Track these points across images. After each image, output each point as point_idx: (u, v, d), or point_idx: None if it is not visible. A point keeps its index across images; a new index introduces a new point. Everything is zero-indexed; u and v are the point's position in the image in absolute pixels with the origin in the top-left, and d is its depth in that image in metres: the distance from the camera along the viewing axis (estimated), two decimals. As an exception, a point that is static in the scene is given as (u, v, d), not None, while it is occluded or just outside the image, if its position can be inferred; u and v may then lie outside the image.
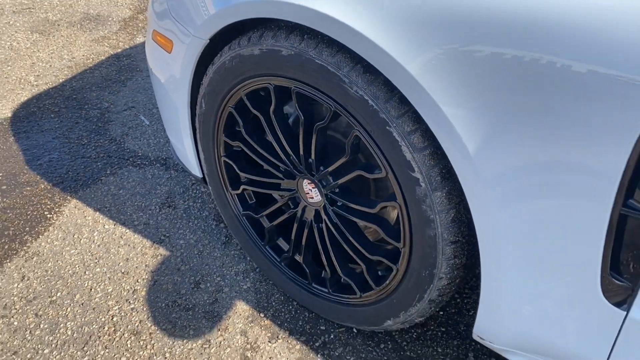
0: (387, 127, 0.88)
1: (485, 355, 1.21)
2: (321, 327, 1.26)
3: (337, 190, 1.07)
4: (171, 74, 1.22)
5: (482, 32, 0.72)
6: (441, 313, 1.30)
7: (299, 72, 0.95)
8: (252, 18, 0.97)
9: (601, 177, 0.71)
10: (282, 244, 1.31)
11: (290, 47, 0.94)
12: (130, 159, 1.80)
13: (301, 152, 1.07)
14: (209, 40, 1.08)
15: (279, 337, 1.24)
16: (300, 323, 1.27)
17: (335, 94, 0.92)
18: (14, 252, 1.45)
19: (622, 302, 0.80)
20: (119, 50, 2.49)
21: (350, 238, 1.09)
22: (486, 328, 0.99)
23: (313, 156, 1.05)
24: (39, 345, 1.22)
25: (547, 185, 0.77)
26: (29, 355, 1.20)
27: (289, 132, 1.08)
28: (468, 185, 0.83)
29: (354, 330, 1.25)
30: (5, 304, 1.32)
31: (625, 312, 0.80)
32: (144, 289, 1.35)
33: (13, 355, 1.20)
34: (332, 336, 1.24)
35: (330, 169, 1.04)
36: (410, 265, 1.00)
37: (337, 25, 0.84)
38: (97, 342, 1.23)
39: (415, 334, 1.25)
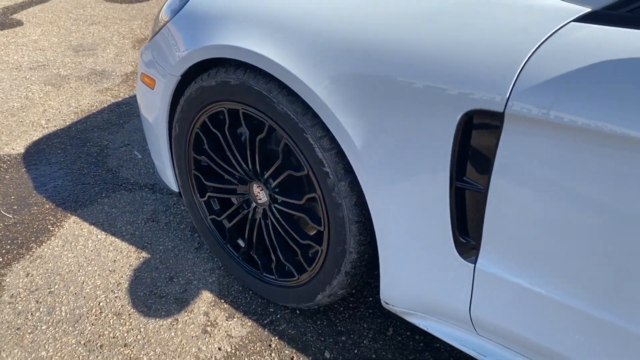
0: (304, 134, 1.19)
1: (402, 329, 1.47)
2: (270, 309, 1.53)
3: (277, 189, 1.38)
4: (154, 105, 1.56)
5: (359, 65, 1.05)
6: (370, 299, 1.57)
7: (243, 97, 1.28)
8: (210, 58, 1.31)
9: (439, 158, 1.02)
10: (240, 243, 1.60)
11: (237, 78, 1.28)
12: (123, 185, 2.12)
13: (249, 161, 1.38)
14: (180, 77, 1.42)
15: (235, 316, 1.51)
16: (253, 306, 1.54)
17: (269, 111, 1.25)
18: (21, 256, 1.75)
19: (471, 257, 1.09)
20: (120, 99, 2.86)
21: (288, 228, 1.39)
22: (388, 293, 1.27)
23: (257, 163, 1.37)
24: (38, 323, 1.49)
25: (408, 172, 1.07)
26: (29, 330, 1.47)
27: (240, 145, 1.40)
28: (360, 174, 1.14)
29: (297, 311, 1.52)
30: (12, 294, 1.59)
31: (473, 265, 1.09)
32: (127, 282, 1.63)
33: (17, 330, 1.47)
34: (278, 315, 1.51)
35: (269, 172, 1.35)
36: (329, 244, 1.29)
37: (267, 61, 1.18)
38: (86, 320, 1.50)
39: (347, 314, 1.51)
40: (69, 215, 1.94)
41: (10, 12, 4.31)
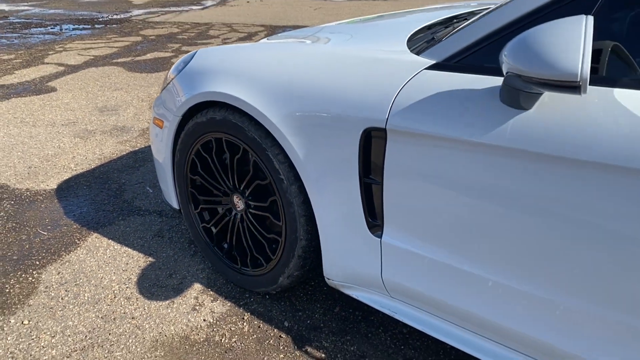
0: (266, 152, 1.69)
1: (347, 307, 1.89)
2: (245, 295, 1.97)
3: (250, 197, 1.86)
4: (161, 141, 2.07)
5: (297, 103, 1.55)
6: (325, 288, 2.00)
7: (225, 128, 1.79)
8: (202, 101, 1.83)
9: (352, 163, 1.49)
10: (224, 245, 2.06)
11: (220, 115, 1.79)
12: (136, 211, 2.61)
13: (230, 177, 1.87)
14: (181, 117, 1.94)
15: (218, 300, 1.94)
16: (232, 293, 1.98)
17: (242, 137, 1.74)
18: (54, 260, 2.21)
19: (378, 233, 1.54)
20: (137, 149, 3.40)
21: (258, 227, 1.86)
22: (328, 270, 1.71)
23: (236, 178, 1.85)
24: (67, 304, 1.94)
25: (334, 175, 1.55)
26: (59, 309, 1.91)
27: (224, 166, 1.90)
28: (304, 179, 1.61)
29: (267, 296, 1.96)
30: (46, 286, 2.05)
31: (380, 239, 1.54)
32: (136, 278, 2.08)
33: (50, 309, 1.91)
34: (251, 299, 1.94)
35: (244, 184, 1.84)
36: (286, 235, 1.75)
37: (242, 102, 1.69)
38: (103, 302, 1.94)
39: (305, 298, 1.94)
40: (91, 232, 2.42)
41: (46, 81, 4.99)
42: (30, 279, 2.09)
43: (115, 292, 2.00)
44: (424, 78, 1.36)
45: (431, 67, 1.38)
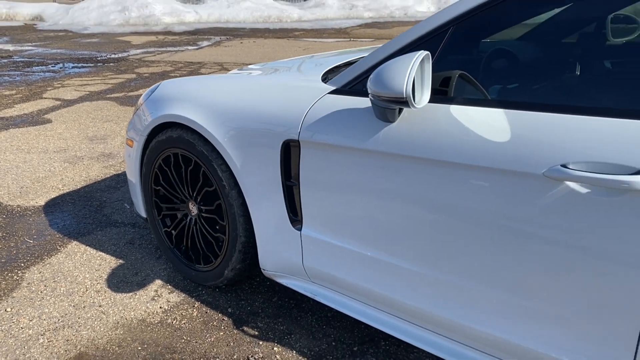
0: (212, 163, 2.04)
1: (284, 297, 2.21)
2: (198, 289, 2.29)
3: (201, 202, 2.21)
4: (131, 158, 2.43)
5: (233, 121, 1.92)
6: (268, 283, 2.32)
7: (181, 144, 2.15)
8: (164, 122, 2.20)
9: (276, 170, 1.85)
10: (182, 247, 2.39)
11: (177, 134, 2.15)
12: (113, 224, 2.95)
13: (185, 186, 2.22)
14: (147, 136, 2.30)
15: (174, 292, 2.26)
16: (187, 287, 2.30)
17: (193, 151, 2.10)
18: (37, 262, 2.54)
19: (299, 226, 1.88)
20: (120, 172, 3.76)
21: (208, 227, 2.20)
22: (263, 262, 2.04)
23: (190, 187, 2.20)
24: (45, 296, 2.25)
25: (263, 181, 1.90)
26: (38, 299, 2.23)
27: (180, 177, 2.25)
28: (241, 184, 1.96)
29: (217, 289, 2.28)
30: (28, 282, 2.37)
31: (300, 232, 1.88)
32: (106, 275, 2.40)
33: (30, 300, 2.23)
34: (203, 292, 2.27)
35: (196, 191, 2.19)
36: (229, 233, 2.09)
37: (193, 122, 2.06)
38: (76, 294, 2.26)
39: (249, 291, 2.26)
40: (72, 240, 2.75)
41: (43, 113, 5.40)
42: (15, 277, 2.41)
43: (87, 286, 2.32)
44: (327, 100, 1.73)
45: (332, 92, 1.75)
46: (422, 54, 1.40)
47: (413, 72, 1.34)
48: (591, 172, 1.21)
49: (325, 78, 1.96)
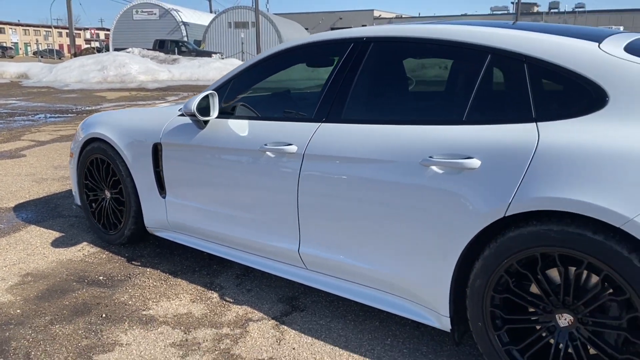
0: (116, 161, 3.34)
1: (164, 247, 3.46)
2: (110, 246, 3.53)
3: (112, 188, 3.48)
4: (71, 164, 3.72)
5: (128, 136, 3.25)
6: (153, 241, 3.57)
7: (102, 153, 3.45)
8: (91, 138, 3.51)
9: (149, 161, 3.16)
10: (106, 223, 3.64)
11: (98, 147, 3.46)
12: (62, 216, 4.19)
13: (105, 181, 3.51)
14: (80, 148, 3.61)
15: (93, 248, 3.50)
16: (103, 245, 3.54)
17: (108, 157, 3.40)
18: (6, 237, 3.76)
19: (164, 195, 3.17)
20: (74, 188, 5.02)
21: (115, 204, 3.47)
22: (146, 222, 3.30)
23: (107, 181, 3.49)
24: (7, 253, 3.48)
25: (143, 166, 3.20)
26: (2, 254, 3.45)
27: (99, 173, 3.54)
28: (132, 173, 3.26)
29: (121, 245, 3.52)
30: (2, 244, 3.60)
31: (164, 199, 3.17)
32: (51, 241, 3.63)
33: (1, 255, 3.45)
34: (113, 247, 3.51)
35: (110, 182, 3.47)
36: (125, 204, 3.36)
37: (109, 139, 3.37)
38: (30, 250, 3.49)
39: (143, 245, 3.51)
40: (31, 225, 3.98)
41: (19, 150, 6.68)
42: (-11, 243, 3.64)
43: (37, 246, 3.55)
44: (174, 119, 3.06)
45: (179, 115, 3.08)
46: (209, 92, 2.74)
47: (198, 99, 2.68)
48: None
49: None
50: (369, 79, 2.42)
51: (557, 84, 1.94)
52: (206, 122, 2.84)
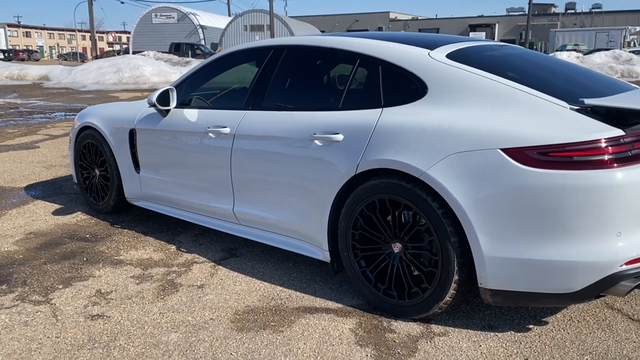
0: (102, 145, 4.14)
1: (143, 215, 4.25)
2: (99, 215, 4.34)
3: (100, 167, 4.29)
4: (70, 149, 4.54)
5: (112, 126, 4.05)
6: (134, 211, 4.36)
7: (90, 137, 4.25)
8: (85, 125, 4.31)
9: (126, 143, 3.94)
10: (96, 196, 4.44)
11: (90, 134, 4.26)
12: (64, 193, 5.01)
13: (94, 160, 4.32)
14: (76, 134, 4.42)
15: (87, 216, 4.31)
16: (93, 214, 4.35)
17: (97, 142, 4.20)
18: (17, 208, 4.59)
19: (139, 171, 3.96)
20: (77, 173, 5.86)
21: (103, 181, 4.27)
22: (126, 193, 4.09)
23: (95, 162, 4.30)
24: (12, 221, 4.30)
25: (122, 149, 3.99)
26: (9, 219, 4.28)
27: (92, 155, 4.35)
28: (115, 153, 4.06)
29: (107, 214, 4.32)
30: (10, 215, 4.42)
31: (139, 174, 3.95)
32: (52, 211, 4.45)
33: (10, 220, 4.28)
34: (100, 216, 4.31)
35: (97, 161, 4.28)
36: (112, 181, 4.15)
37: (98, 127, 4.18)
38: (36, 216, 4.31)
39: (125, 214, 4.31)
40: (38, 200, 4.81)
41: (34, 143, 7.57)
42: (5, 212, 4.46)
43: (40, 215, 4.37)
44: (146, 109, 3.85)
45: (150, 106, 3.86)
46: (169, 87, 3.52)
47: (157, 93, 3.46)
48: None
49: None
50: (281, 77, 3.18)
51: (399, 80, 2.67)
52: (167, 111, 3.61)
